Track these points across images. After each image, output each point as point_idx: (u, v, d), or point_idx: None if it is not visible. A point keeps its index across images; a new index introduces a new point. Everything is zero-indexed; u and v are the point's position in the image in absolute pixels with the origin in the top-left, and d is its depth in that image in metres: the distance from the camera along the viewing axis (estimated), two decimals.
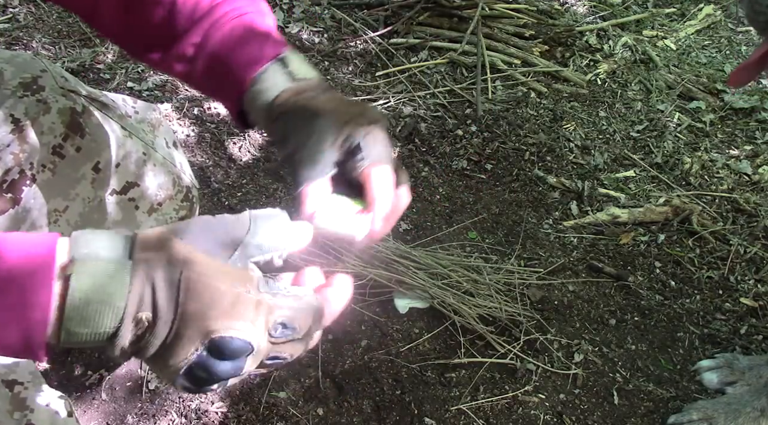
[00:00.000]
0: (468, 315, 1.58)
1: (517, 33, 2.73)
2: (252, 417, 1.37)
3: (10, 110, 0.88)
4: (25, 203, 0.89)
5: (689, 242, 1.95)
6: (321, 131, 0.70)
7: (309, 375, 1.47)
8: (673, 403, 1.53)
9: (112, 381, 1.39)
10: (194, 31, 0.79)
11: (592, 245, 1.91)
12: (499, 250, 1.84)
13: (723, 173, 2.26)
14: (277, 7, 2.69)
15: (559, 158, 2.20)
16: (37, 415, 0.79)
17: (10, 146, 0.87)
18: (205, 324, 0.53)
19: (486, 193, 2.04)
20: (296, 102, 0.73)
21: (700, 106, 2.57)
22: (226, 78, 0.78)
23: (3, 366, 0.79)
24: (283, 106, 0.73)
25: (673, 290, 1.81)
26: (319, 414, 1.40)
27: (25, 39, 2.27)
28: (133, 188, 1.04)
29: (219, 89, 0.82)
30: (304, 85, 0.75)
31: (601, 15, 3.05)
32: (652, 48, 2.87)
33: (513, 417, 1.45)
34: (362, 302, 1.62)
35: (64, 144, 0.92)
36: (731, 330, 1.72)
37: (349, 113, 0.72)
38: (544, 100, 2.48)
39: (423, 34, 2.67)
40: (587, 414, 1.49)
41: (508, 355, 1.55)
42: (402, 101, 2.33)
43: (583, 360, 1.59)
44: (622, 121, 2.45)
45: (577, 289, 1.76)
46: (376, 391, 1.46)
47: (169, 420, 1.36)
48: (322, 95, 0.74)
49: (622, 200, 2.07)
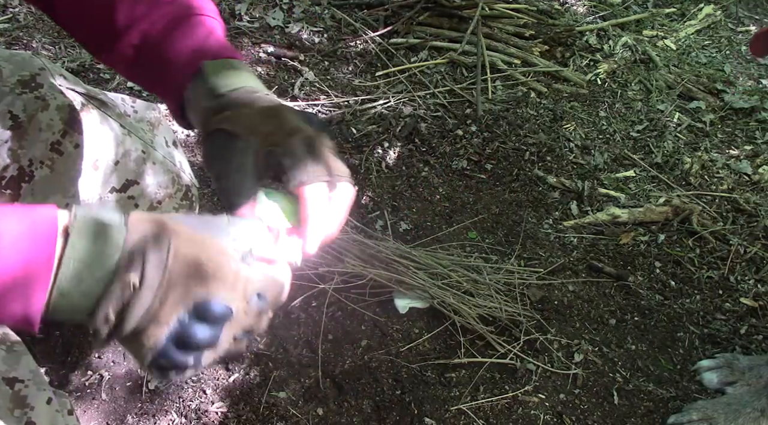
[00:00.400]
0: (468, 315, 1.58)
1: (517, 33, 2.73)
2: (252, 417, 1.37)
3: (9, 107, 0.88)
4: (24, 199, 0.89)
5: (689, 242, 1.95)
6: (240, 157, 0.67)
7: (309, 375, 1.46)
8: (673, 403, 1.52)
9: (112, 381, 1.39)
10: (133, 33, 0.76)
11: (592, 245, 1.91)
12: (499, 250, 1.84)
13: (723, 173, 2.26)
14: (277, 7, 2.69)
15: (559, 158, 2.20)
16: (38, 413, 0.79)
17: (9, 143, 0.87)
18: (191, 288, 0.57)
19: (486, 193, 2.04)
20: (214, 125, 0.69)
21: (700, 106, 2.57)
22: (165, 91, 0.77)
23: (4, 363, 0.79)
24: (206, 128, 0.70)
25: (673, 290, 1.81)
26: (319, 414, 1.40)
27: (25, 39, 2.27)
28: (132, 186, 1.04)
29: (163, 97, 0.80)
30: (224, 102, 0.71)
31: (601, 15, 3.05)
32: (652, 48, 2.87)
33: (513, 417, 1.45)
34: (362, 302, 1.61)
35: (63, 141, 0.92)
36: (731, 330, 1.72)
37: (264, 130, 0.68)
38: (544, 100, 2.48)
39: (423, 34, 2.67)
40: (587, 414, 1.49)
41: (508, 355, 1.55)
42: (402, 101, 2.33)
43: (583, 360, 1.58)
44: (622, 121, 2.45)
45: (577, 289, 1.76)
46: (376, 391, 1.46)
47: (169, 420, 1.35)
48: (241, 111, 0.70)
49: (622, 200, 2.07)
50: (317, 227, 0.67)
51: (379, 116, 2.24)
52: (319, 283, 1.62)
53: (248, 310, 0.60)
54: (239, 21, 2.59)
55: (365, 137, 2.15)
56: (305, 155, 0.67)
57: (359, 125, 2.19)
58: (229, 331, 0.60)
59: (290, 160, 0.67)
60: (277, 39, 2.55)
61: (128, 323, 0.56)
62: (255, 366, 1.46)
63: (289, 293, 0.66)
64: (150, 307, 0.56)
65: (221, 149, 0.68)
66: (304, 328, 1.55)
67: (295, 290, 1.61)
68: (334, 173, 0.69)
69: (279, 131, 0.68)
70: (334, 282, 1.63)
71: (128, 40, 0.76)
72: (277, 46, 2.50)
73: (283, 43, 2.53)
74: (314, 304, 1.60)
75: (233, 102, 0.71)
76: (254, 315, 0.61)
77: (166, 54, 0.75)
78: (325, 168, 0.68)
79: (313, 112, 2.21)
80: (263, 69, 2.38)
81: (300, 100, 2.27)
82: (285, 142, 0.67)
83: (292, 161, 0.67)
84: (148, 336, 0.57)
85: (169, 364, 0.59)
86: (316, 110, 2.25)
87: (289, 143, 0.67)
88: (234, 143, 0.68)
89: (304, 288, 1.61)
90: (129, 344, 0.59)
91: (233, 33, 2.51)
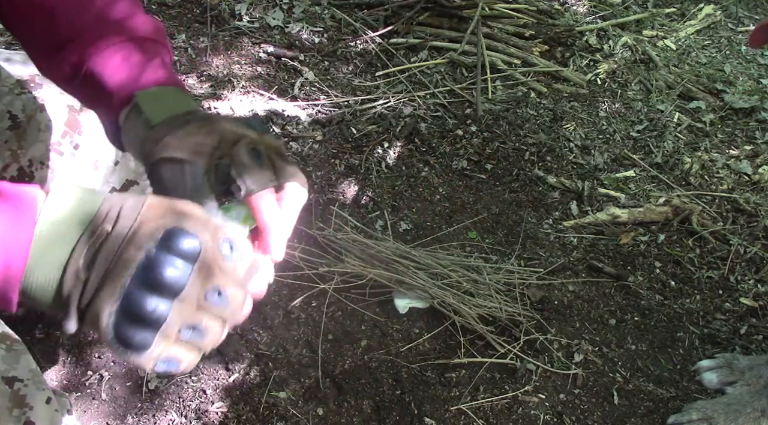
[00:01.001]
0: (468, 315, 1.58)
1: (517, 33, 2.73)
2: (252, 417, 1.37)
3: (8, 107, 0.87)
4: None
5: (689, 242, 1.95)
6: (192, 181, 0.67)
7: (309, 375, 1.46)
8: (673, 403, 1.52)
9: (112, 381, 1.39)
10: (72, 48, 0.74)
11: (592, 245, 1.91)
12: (499, 250, 1.84)
13: (723, 173, 2.26)
14: (277, 7, 2.69)
15: (559, 158, 2.20)
16: (37, 412, 0.79)
17: (8, 143, 0.87)
18: (162, 220, 0.55)
19: (486, 193, 2.04)
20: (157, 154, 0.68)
21: (700, 106, 2.57)
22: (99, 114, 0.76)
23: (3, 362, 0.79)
24: (149, 158, 0.69)
25: (673, 290, 1.81)
26: (319, 414, 1.40)
27: None
28: (132, 187, 1.04)
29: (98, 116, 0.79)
30: (161, 131, 0.69)
31: (601, 15, 3.05)
32: (652, 48, 2.87)
33: (513, 417, 1.45)
34: (362, 302, 1.61)
35: (62, 141, 0.92)
36: (731, 330, 1.72)
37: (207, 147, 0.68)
38: (544, 100, 2.48)
39: (423, 34, 2.67)
40: (587, 414, 1.49)
41: (508, 355, 1.55)
42: (402, 101, 2.33)
43: (583, 360, 1.58)
44: (622, 121, 2.45)
45: (577, 289, 1.76)
46: (376, 391, 1.46)
47: (169, 420, 1.35)
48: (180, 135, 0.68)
49: (622, 200, 2.07)
50: (275, 235, 0.67)
51: (379, 116, 2.24)
52: (319, 283, 1.62)
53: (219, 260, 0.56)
54: (239, 21, 2.59)
55: (365, 137, 2.15)
56: (251, 162, 0.67)
57: (359, 125, 2.19)
58: (199, 280, 0.55)
59: (237, 170, 0.66)
60: (277, 39, 2.55)
61: (96, 270, 0.54)
62: (255, 366, 1.46)
63: (288, 294, 0.66)
64: (118, 247, 0.54)
65: (171, 177, 0.67)
66: (304, 328, 1.55)
67: (295, 290, 1.61)
68: (282, 175, 0.69)
69: (222, 144, 0.68)
70: (334, 282, 1.63)
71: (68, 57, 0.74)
72: (277, 46, 2.51)
73: (283, 43, 2.53)
74: (314, 304, 1.60)
75: (171, 128, 0.69)
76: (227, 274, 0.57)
77: (100, 77, 0.73)
78: (273, 172, 0.68)
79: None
80: (263, 69, 2.38)
81: (300, 100, 2.27)
82: (230, 152, 0.67)
83: (239, 171, 0.66)
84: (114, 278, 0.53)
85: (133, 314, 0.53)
86: (316, 110, 2.25)
87: (234, 152, 0.67)
88: (183, 168, 0.67)
89: (304, 288, 1.61)
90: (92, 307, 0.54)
91: (233, 33, 2.52)
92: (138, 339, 0.54)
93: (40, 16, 0.74)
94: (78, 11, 0.74)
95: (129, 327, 0.53)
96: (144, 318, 0.53)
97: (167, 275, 0.53)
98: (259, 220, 0.67)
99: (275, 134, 2.11)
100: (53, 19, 0.74)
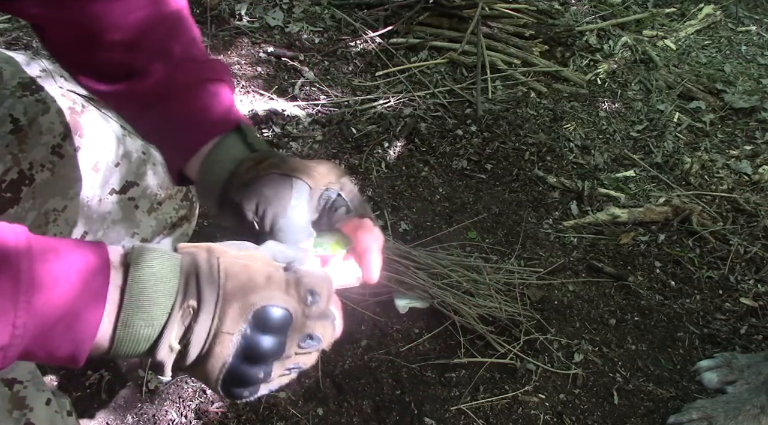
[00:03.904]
0: (468, 315, 1.58)
1: (517, 33, 2.73)
2: (252, 417, 1.37)
3: (9, 110, 0.87)
4: (24, 203, 0.89)
5: (689, 242, 1.95)
6: (298, 196, 0.72)
7: (309, 375, 1.47)
8: (673, 403, 1.53)
9: (112, 381, 1.39)
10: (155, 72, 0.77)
11: (592, 245, 1.91)
12: (499, 250, 1.84)
13: (723, 173, 2.26)
14: (277, 7, 2.69)
15: (559, 158, 2.20)
16: (37, 414, 0.79)
17: (9, 147, 0.87)
18: (246, 299, 0.58)
19: (486, 193, 2.04)
20: (261, 171, 0.73)
21: (700, 106, 2.57)
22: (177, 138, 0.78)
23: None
24: (246, 175, 0.73)
25: (673, 290, 1.81)
26: (319, 414, 1.40)
27: (26, 39, 2.27)
28: (132, 188, 1.04)
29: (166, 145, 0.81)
30: (262, 156, 0.75)
31: (601, 15, 3.05)
32: (652, 48, 2.87)
33: (513, 417, 1.45)
34: (362, 302, 1.62)
35: (63, 144, 0.92)
36: (731, 330, 1.72)
37: (318, 172, 0.75)
38: (544, 100, 2.48)
39: (423, 34, 2.67)
40: (587, 414, 1.49)
41: (508, 355, 1.55)
42: (402, 101, 2.33)
43: (583, 360, 1.58)
44: (622, 121, 2.45)
45: (577, 289, 1.76)
46: (376, 391, 1.46)
47: (169, 420, 1.35)
48: (284, 161, 0.74)
49: (622, 200, 2.07)
50: (375, 256, 0.75)
51: (379, 116, 2.24)
52: None
53: (307, 312, 0.61)
54: (239, 21, 2.59)
55: (365, 137, 2.15)
56: (356, 191, 0.76)
57: (359, 125, 2.19)
58: (293, 337, 0.60)
59: (348, 196, 0.75)
60: (277, 39, 2.55)
61: (193, 347, 0.57)
62: None
63: None
64: (211, 327, 0.57)
65: (274, 191, 0.71)
66: None
67: None
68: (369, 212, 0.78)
69: (332, 174, 0.75)
70: None
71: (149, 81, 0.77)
72: (277, 46, 2.51)
73: (283, 43, 2.53)
74: None
75: (271, 155, 0.75)
76: (315, 318, 0.62)
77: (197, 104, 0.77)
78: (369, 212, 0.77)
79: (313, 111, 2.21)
80: (263, 69, 2.38)
81: (300, 100, 2.27)
82: (339, 181, 0.75)
83: (350, 197, 0.75)
84: (215, 357, 0.57)
85: (240, 381, 0.59)
86: (316, 110, 2.25)
87: (344, 181, 0.75)
88: (289, 185, 0.72)
89: None
90: (196, 370, 0.59)
91: (233, 33, 2.52)
92: (247, 394, 0.60)
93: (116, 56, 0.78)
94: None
95: (237, 387, 0.60)
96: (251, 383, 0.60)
97: (267, 351, 0.58)
98: (360, 242, 0.74)
99: (276, 134, 2.11)
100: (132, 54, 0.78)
